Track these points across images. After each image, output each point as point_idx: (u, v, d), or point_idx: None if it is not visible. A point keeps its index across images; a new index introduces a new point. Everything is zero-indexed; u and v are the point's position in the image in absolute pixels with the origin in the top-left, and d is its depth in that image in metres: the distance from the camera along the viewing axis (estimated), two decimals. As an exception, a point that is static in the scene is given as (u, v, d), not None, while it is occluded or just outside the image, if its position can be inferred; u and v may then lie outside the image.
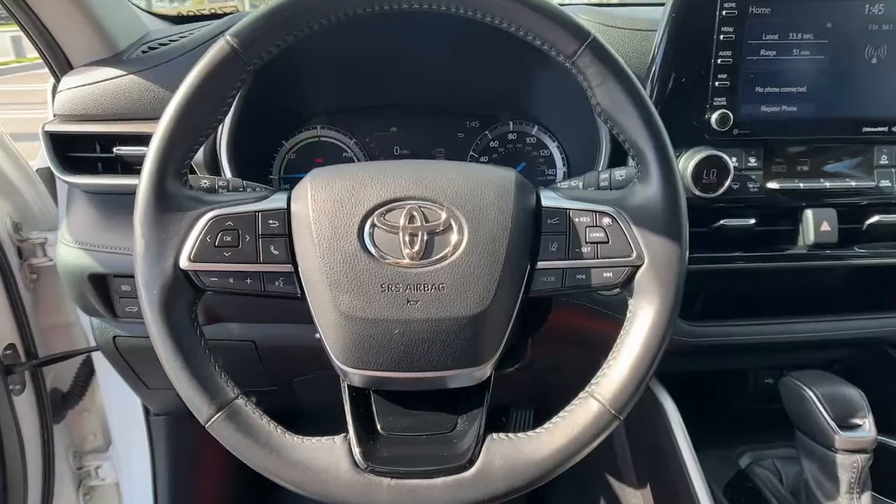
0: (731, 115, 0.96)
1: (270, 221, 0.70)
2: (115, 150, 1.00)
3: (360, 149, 1.17)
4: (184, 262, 0.68)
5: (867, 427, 0.93)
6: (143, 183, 0.68)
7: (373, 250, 0.67)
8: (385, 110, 1.18)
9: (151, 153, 0.68)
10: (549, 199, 0.73)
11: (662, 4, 0.97)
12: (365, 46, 1.07)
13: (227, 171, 0.99)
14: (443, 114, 1.19)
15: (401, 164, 0.73)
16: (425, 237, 0.67)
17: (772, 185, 1.00)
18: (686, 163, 0.95)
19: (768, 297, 1.07)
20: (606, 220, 0.71)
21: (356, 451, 0.67)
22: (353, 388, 0.74)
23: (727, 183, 0.96)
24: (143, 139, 0.99)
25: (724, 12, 0.93)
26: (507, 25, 0.68)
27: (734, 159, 0.98)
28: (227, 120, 0.99)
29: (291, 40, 0.69)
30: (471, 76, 1.14)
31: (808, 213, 1.01)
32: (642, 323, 0.70)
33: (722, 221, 1.00)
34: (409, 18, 0.75)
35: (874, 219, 1.01)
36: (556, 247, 0.71)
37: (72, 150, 1.03)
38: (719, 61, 0.95)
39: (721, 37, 0.94)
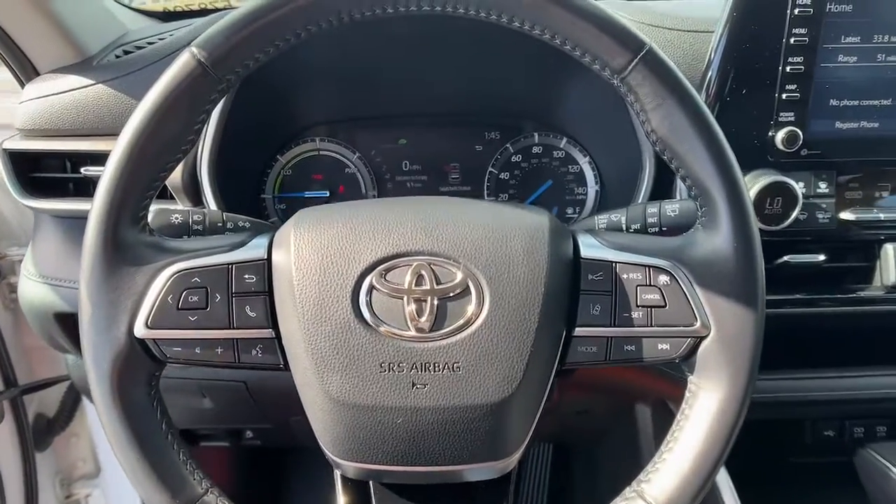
0: (799, 132, 0.81)
1: (246, 276, 0.58)
2: (82, 170, 0.87)
3: (365, 164, 1.04)
4: (139, 329, 0.56)
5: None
6: (89, 232, 0.55)
7: (370, 319, 0.54)
8: (392, 120, 1.05)
9: (100, 194, 0.55)
10: (589, 247, 0.59)
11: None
12: (369, 50, 0.93)
13: (208, 196, 0.86)
14: (458, 124, 1.05)
15: (405, 205, 0.60)
16: (436, 303, 0.54)
17: (845, 215, 0.85)
18: (746, 190, 0.80)
19: (837, 346, 0.93)
20: (663, 279, 0.57)
21: None
22: (346, 478, 0.61)
23: (794, 214, 0.81)
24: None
25: (796, 11, 0.78)
26: (540, 31, 0.54)
27: (801, 184, 0.83)
28: (209, 133, 0.86)
29: (274, 52, 0.56)
30: (490, 81, 1.00)
31: (889, 249, 0.86)
32: (706, 409, 0.56)
33: (785, 258, 0.85)
34: (421, 19, 0.61)
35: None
36: (599, 310, 0.57)
37: (38, 170, 0.90)
38: (788, 69, 0.80)
39: (792, 40, 0.79)
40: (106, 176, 0.55)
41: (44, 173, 0.90)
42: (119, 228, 0.56)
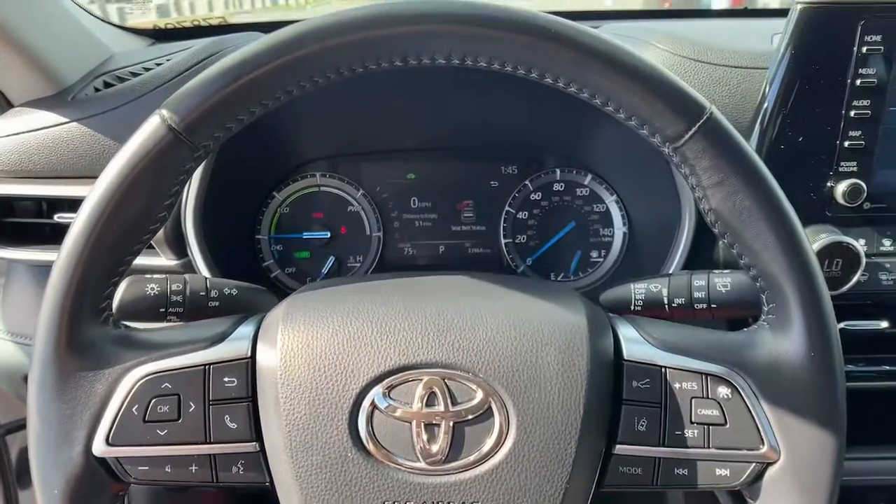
0: (863, 185, 0.71)
1: (226, 379, 0.49)
2: (56, 217, 0.79)
3: (369, 201, 0.94)
4: (99, 447, 0.47)
5: None
6: (40, 330, 0.47)
7: (371, 447, 0.45)
8: (400, 154, 0.95)
9: (53, 286, 0.47)
10: (633, 344, 0.50)
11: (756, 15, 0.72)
12: (375, 80, 0.84)
13: (194, 249, 0.77)
14: (472, 158, 0.96)
15: (414, 297, 0.51)
16: (451, 428, 0.45)
17: (912, 276, 0.75)
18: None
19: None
20: (723, 391, 0.48)
21: None
22: None
23: (855, 277, 0.71)
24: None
25: (864, 49, 0.68)
26: (577, 89, 0.45)
27: (862, 241, 0.73)
28: (195, 176, 0.77)
29: (261, 111, 0.47)
30: (508, 112, 0.90)
31: (960, 314, 0.76)
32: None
33: (843, 324, 0.75)
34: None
35: None
36: (646, 425, 0.48)
37: (9, 214, 0.82)
38: (853, 114, 0.70)
39: (858, 81, 0.69)
40: (60, 263, 0.46)
41: (16, 218, 0.82)
42: (75, 325, 0.47)
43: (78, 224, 0.46)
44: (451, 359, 0.46)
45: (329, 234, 0.93)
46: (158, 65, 0.83)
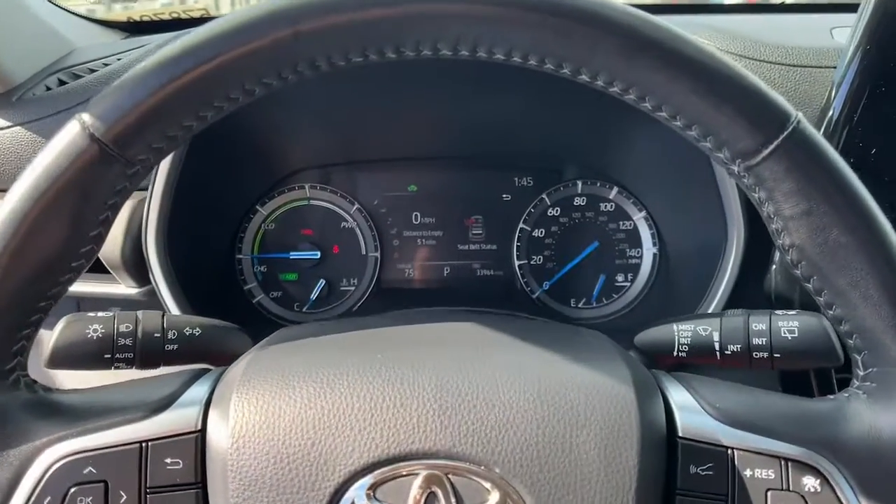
0: (950, 204, 0.60)
1: (169, 461, 0.38)
2: None
3: (365, 217, 0.83)
4: (-3, 556, 0.36)
5: None
6: None
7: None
8: (400, 163, 0.84)
9: None
10: (689, 414, 0.39)
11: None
12: (372, 77, 0.73)
13: (156, 273, 0.66)
14: (482, 167, 0.85)
15: (407, 357, 0.39)
16: (458, 541, 0.34)
17: None
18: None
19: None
20: (809, 482, 0.36)
21: None
22: None
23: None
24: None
25: (957, 42, 0.56)
26: (622, 89, 0.35)
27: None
28: (156, 188, 0.66)
29: (215, 115, 0.36)
30: (523, 116, 0.79)
31: None
32: None
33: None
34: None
35: None
36: None
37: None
38: (939, 122, 0.58)
39: (949, 83, 0.57)
40: None
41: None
42: None
43: None
44: (458, 446, 0.34)
45: (319, 254, 0.82)
46: (119, 59, 0.72)
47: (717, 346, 0.51)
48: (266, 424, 0.35)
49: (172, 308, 0.66)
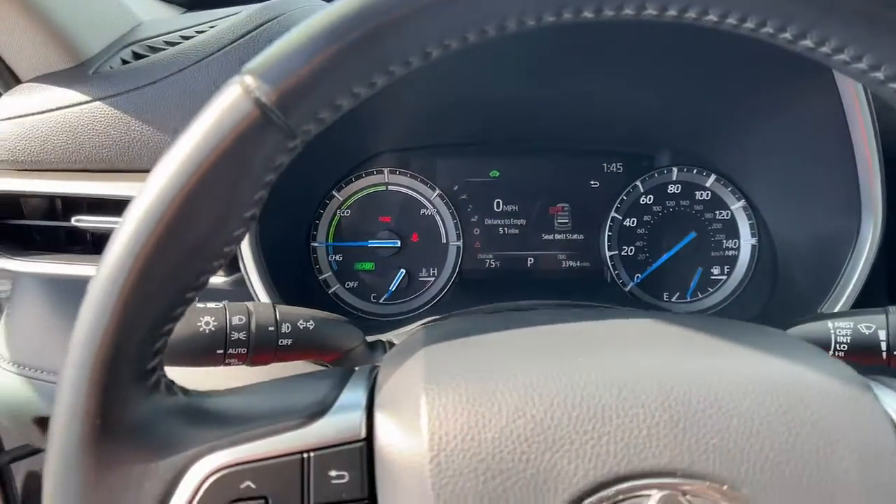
0: None
1: (333, 473, 0.33)
2: (74, 220, 0.63)
3: (447, 203, 0.79)
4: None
5: None
6: (60, 405, 0.31)
7: None
8: (481, 148, 0.80)
9: (81, 334, 0.31)
10: None
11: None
12: (457, 58, 0.68)
13: (250, 266, 0.62)
14: (568, 152, 0.80)
15: (609, 358, 0.35)
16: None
17: None
18: None
19: None
20: None
21: None
22: None
23: None
24: (118, 206, 0.63)
25: None
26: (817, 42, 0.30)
27: None
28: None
29: (383, 82, 0.32)
30: (616, 97, 0.74)
31: None
32: None
33: None
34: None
35: None
36: None
37: (14, 216, 0.67)
38: None
39: None
40: (92, 303, 0.31)
41: (21, 220, 0.66)
42: (113, 398, 0.31)
43: (121, 244, 0.31)
44: (697, 463, 0.30)
45: (399, 243, 0.78)
46: (200, 32, 0.67)
47: (883, 345, 0.47)
48: (468, 436, 0.31)
49: (263, 298, 0.61)
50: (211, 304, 0.48)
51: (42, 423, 0.65)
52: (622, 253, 0.79)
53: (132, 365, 0.32)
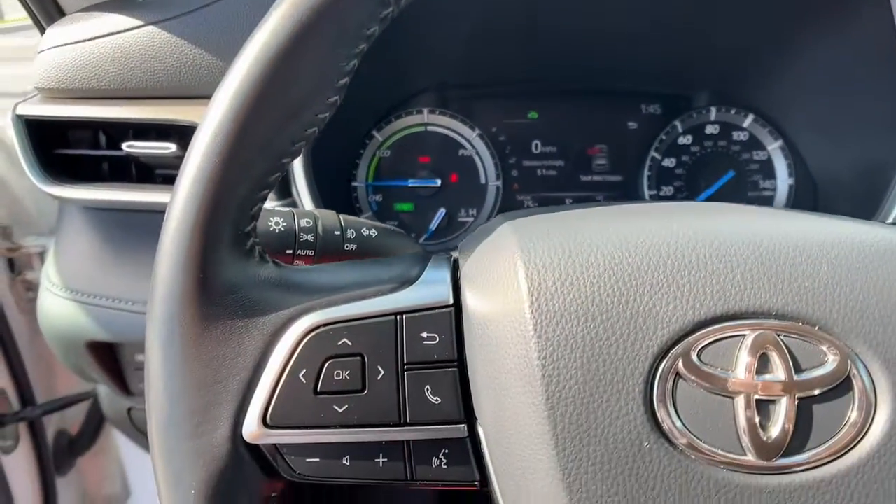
0: None
1: (425, 335, 0.34)
2: (124, 146, 0.64)
3: (486, 143, 0.79)
4: (252, 429, 0.33)
5: None
6: (163, 265, 0.32)
7: (676, 433, 0.30)
8: (520, 88, 0.80)
9: (184, 194, 0.32)
10: None
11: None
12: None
13: (301, 187, 0.62)
14: (606, 94, 0.80)
15: (700, 218, 0.35)
16: (795, 406, 0.30)
17: None
18: None
19: None
20: None
21: None
22: None
23: None
24: (173, 131, 0.63)
25: None
26: None
27: None
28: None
29: None
30: (651, 35, 0.75)
31: None
32: None
33: None
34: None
35: None
36: None
37: (62, 145, 0.67)
38: None
39: None
40: (195, 164, 0.31)
41: (71, 149, 0.67)
42: (215, 256, 0.32)
43: (222, 103, 0.31)
44: (790, 305, 0.31)
45: (439, 182, 0.78)
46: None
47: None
48: (567, 281, 0.31)
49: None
50: (278, 207, 0.48)
51: (93, 347, 0.65)
52: (661, 193, 0.79)
53: (232, 225, 0.32)
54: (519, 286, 0.31)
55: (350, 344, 0.33)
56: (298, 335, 0.33)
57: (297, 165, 0.62)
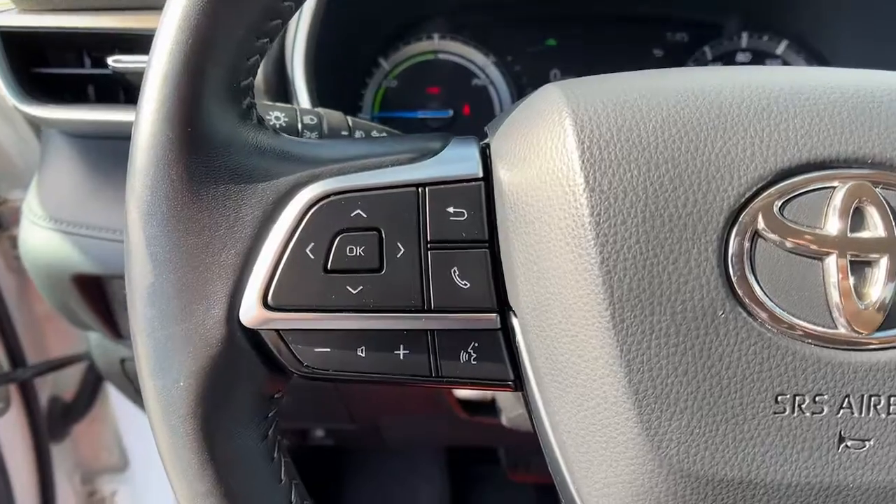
0: None
1: (451, 210, 0.29)
2: (110, 61, 0.58)
3: (501, 71, 0.74)
4: (251, 311, 0.28)
5: None
6: (145, 117, 0.27)
7: (755, 300, 0.25)
8: (538, 12, 0.75)
9: (168, 37, 0.27)
10: None
11: None
12: None
13: (301, 98, 0.58)
14: (628, 19, 0.75)
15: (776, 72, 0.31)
16: (894, 268, 0.25)
17: None
18: None
19: None
20: None
21: None
22: None
23: None
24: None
25: None
26: None
27: None
28: (306, 16, 0.58)
29: None
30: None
31: None
32: None
33: None
34: None
35: None
36: None
37: (43, 64, 0.62)
38: None
39: None
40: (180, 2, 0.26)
41: (52, 68, 0.61)
42: (208, 108, 0.27)
43: None
44: (889, 151, 0.26)
45: (451, 113, 0.73)
46: None
47: None
48: (625, 127, 0.26)
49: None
50: (279, 104, 0.43)
51: (80, 281, 0.60)
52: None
53: (227, 70, 0.27)
54: (566, 138, 0.27)
55: (365, 216, 0.28)
56: (305, 204, 0.28)
57: (300, 94, 0.57)
